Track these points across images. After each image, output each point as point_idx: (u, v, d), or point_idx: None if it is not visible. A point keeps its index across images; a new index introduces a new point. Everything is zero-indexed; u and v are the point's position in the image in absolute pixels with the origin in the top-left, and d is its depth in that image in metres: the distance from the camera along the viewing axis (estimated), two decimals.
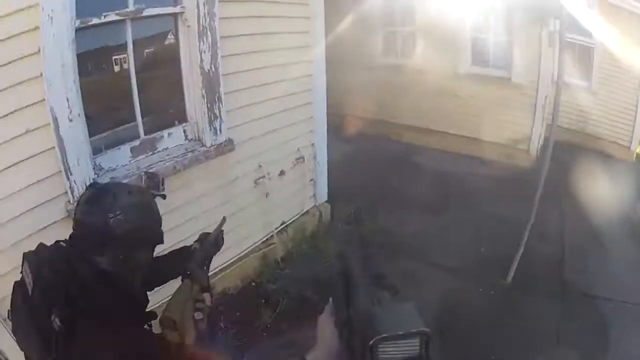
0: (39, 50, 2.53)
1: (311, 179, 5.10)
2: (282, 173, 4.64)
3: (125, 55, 3.13)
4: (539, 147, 8.38)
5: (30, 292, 1.62)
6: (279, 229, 4.84)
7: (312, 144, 4.95)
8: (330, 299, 1.72)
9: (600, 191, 7.33)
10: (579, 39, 9.28)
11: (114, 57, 3.16)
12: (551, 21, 7.30)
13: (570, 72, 9.51)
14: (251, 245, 4.58)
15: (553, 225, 6.58)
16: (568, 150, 9.51)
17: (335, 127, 7.78)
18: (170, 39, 3.44)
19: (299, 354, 2.25)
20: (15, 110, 2.54)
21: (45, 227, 2.82)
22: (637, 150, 9.93)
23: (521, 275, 5.15)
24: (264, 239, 4.71)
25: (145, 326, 1.90)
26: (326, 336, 1.56)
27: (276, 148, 4.51)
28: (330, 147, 5.38)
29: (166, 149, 3.56)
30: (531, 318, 4.63)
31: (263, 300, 4.40)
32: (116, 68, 3.16)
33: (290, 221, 5.01)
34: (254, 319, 4.21)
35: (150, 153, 3.45)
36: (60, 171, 2.82)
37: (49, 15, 2.50)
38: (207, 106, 3.59)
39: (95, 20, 2.79)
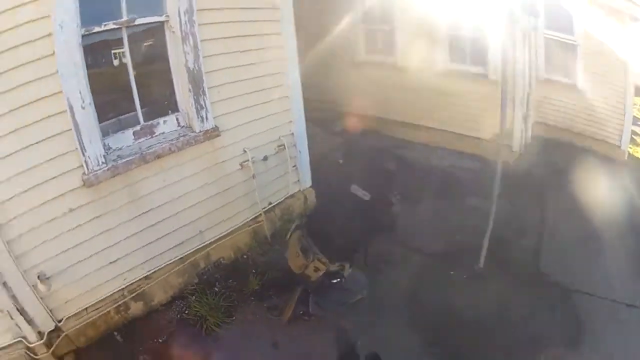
0: (53, 53, 3.37)
1: (294, 165, 5.81)
2: (265, 158, 5.36)
3: (124, 52, 3.94)
4: (522, 144, 8.80)
5: None
6: (267, 209, 5.57)
7: (292, 133, 5.66)
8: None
9: (586, 188, 7.74)
10: (560, 36, 9.47)
11: (114, 53, 3.98)
12: (525, 18, 7.70)
13: (554, 70, 9.94)
14: (241, 221, 5.33)
15: (534, 219, 6.88)
16: (558, 147, 9.85)
17: (324, 122, 8.41)
18: (160, 42, 4.24)
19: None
20: (37, 100, 3.39)
21: (66, 193, 3.69)
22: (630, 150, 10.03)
23: (496, 263, 5.51)
24: (254, 216, 5.45)
25: None
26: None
27: (258, 135, 5.24)
28: (321, 140, 5.91)
29: (163, 133, 4.39)
30: (500, 304, 5.00)
31: (253, 270, 5.13)
32: (118, 64, 3.98)
33: (277, 202, 5.75)
34: (244, 285, 4.93)
35: (150, 137, 4.28)
36: (77, 148, 3.65)
37: (59, 24, 3.34)
38: (194, 98, 4.39)
39: (97, 29, 3.64)
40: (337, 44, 8.73)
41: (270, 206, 5.66)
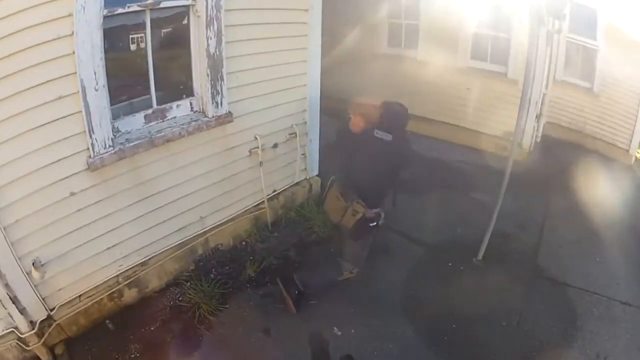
0: (72, 33, 3.19)
1: (303, 154, 5.72)
2: (275, 146, 5.26)
3: (143, 35, 3.77)
4: (533, 142, 8.85)
5: None
6: (270, 195, 5.52)
7: (305, 122, 5.54)
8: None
9: (589, 189, 7.78)
10: (583, 41, 9.48)
11: (131, 37, 3.81)
12: (550, 21, 7.56)
13: (572, 72, 9.94)
14: (244, 208, 5.26)
15: (536, 216, 6.93)
16: (566, 148, 9.95)
17: (338, 112, 8.36)
18: (182, 25, 4.07)
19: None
20: (50, 80, 3.23)
21: (68, 177, 3.56)
22: (637, 154, 10.24)
23: (494, 257, 5.58)
24: (256, 203, 5.39)
25: None
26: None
27: (271, 123, 5.14)
28: (332, 130, 5.91)
29: (174, 117, 4.25)
30: (497, 296, 5.06)
31: (250, 257, 5.12)
32: (135, 47, 3.79)
33: (282, 190, 5.68)
34: (241, 272, 4.93)
35: (161, 120, 4.14)
36: (84, 131, 3.50)
37: (82, 5, 3.14)
38: (211, 83, 4.24)
39: (120, 10, 3.43)
40: (362, 37, 8.78)
41: (274, 193, 5.61)
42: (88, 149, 3.59)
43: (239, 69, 4.51)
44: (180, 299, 4.55)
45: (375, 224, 4.43)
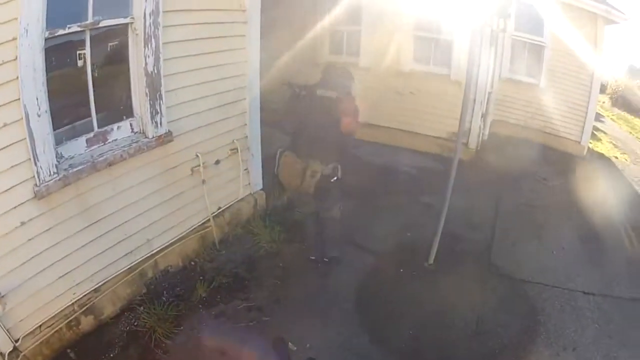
0: (16, 58, 3.52)
1: (245, 169, 6.19)
2: (217, 162, 5.70)
3: (83, 56, 4.12)
4: (479, 141, 9.62)
5: None
6: (215, 213, 5.94)
7: (246, 137, 6.03)
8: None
9: (539, 183, 8.47)
10: (529, 38, 10.49)
11: (71, 59, 4.13)
12: (496, 20, 8.38)
13: (518, 69, 10.80)
14: (190, 228, 5.67)
15: (487, 215, 7.51)
16: (516, 144, 10.74)
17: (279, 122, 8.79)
18: (122, 45, 4.44)
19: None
20: None
21: (17, 206, 3.85)
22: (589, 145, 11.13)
23: (446, 259, 6.00)
24: (202, 222, 5.80)
25: None
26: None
27: (213, 139, 5.57)
28: (275, 140, 6.31)
29: (115, 140, 4.60)
30: (452, 298, 5.38)
31: (200, 277, 5.51)
32: (75, 70, 4.15)
33: (226, 206, 6.11)
34: (192, 293, 5.30)
35: (102, 144, 4.49)
36: (29, 159, 3.82)
37: (25, 28, 3.48)
38: (150, 103, 4.64)
39: (61, 31, 3.79)
40: (303, 46, 9.09)
41: (219, 211, 6.02)
42: (34, 176, 3.88)
43: (178, 86, 4.93)
44: (135, 323, 4.85)
45: (335, 178, 5.14)
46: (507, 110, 11.40)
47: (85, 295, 4.63)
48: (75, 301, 4.55)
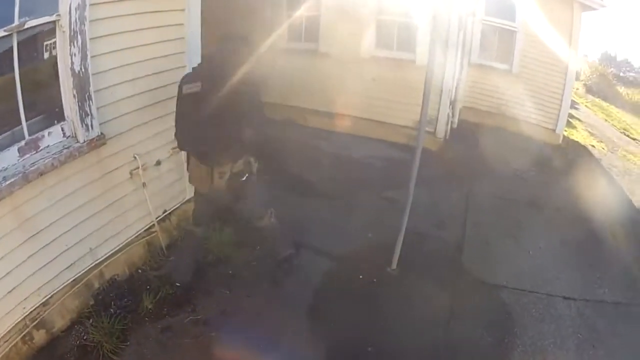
0: None
1: None
2: (158, 163, 5.91)
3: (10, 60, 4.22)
4: (448, 129, 9.93)
5: None
6: (161, 217, 6.16)
7: None
8: None
9: (513, 174, 8.61)
10: (500, 22, 10.92)
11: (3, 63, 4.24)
12: (464, 2, 8.63)
13: (488, 55, 11.11)
14: (134, 234, 5.88)
15: (457, 210, 7.56)
16: (487, 132, 11.01)
17: None
18: (51, 45, 4.57)
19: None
20: None
21: None
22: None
23: (411, 262, 5.97)
24: (147, 227, 6.01)
25: None
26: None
27: (151, 139, 5.75)
28: None
29: (47, 146, 4.74)
30: (417, 308, 5.40)
31: (147, 287, 5.72)
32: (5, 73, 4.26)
33: (173, 209, 6.34)
34: (139, 305, 5.49)
35: (34, 152, 4.63)
36: None
37: None
38: (79, 105, 4.78)
39: None
40: (258, 34, 9.21)
41: (165, 214, 6.24)
42: None
43: (109, 84, 5.07)
44: (85, 337, 5.04)
45: (246, 175, 5.14)
46: (478, 97, 11.76)
47: (34, 309, 4.84)
48: (26, 315, 4.77)
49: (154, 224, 6.05)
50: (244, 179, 5.13)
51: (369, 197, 7.72)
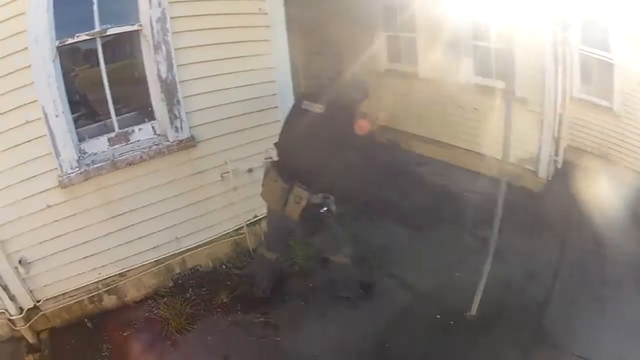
0: (30, 66, 4.65)
1: None
2: (250, 170, 6.37)
3: (98, 62, 5.11)
4: (551, 170, 9.03)
5: None
6: (251, 221, 6.64)
7: None
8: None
9: (616, 228, 7.76)
10: (595, 53, 9.52)
11: (91, 63, 5.26)
12: (558, 32, 8.05)
13: (585, 89, 9.94)
14: (222, 232, 6.45)
15: (550, 263, 6.63)
16: (596, 177, 9.66)
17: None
18: (137, 50, 5.38)
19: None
20: (19, 106, 4.72)
21: (44, 191, 5.06)
22: None
23: (491, 312, 5.46)
24: (235, 228, 6.55)
25: None
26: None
27: (243, 147, 6.24)
28: None
29: (138, 140, 5.59)
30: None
31: (227, 282, 6.23)
32: (93, 72, 5.20)
33: (264, 215, 6.54)
34: (215, 295, 6.01)
35: (124, 143, 5.52)
36: (52, 152, 4.97)
37: (34, 39, 4.58)
38: (167, 108, 5.50)
39: (70, 40, 4.87)
40: (354, 50, 9.47)
41: (255, 219, 6.69)
42: (57, 168, 5.04)
43: (198, 92, 5.68)
44: (155, 312, 5.74)
45: (326, 209, 4.68)
46: (580, 136, 10.64)
47: (110, 277, 5.73)
48: (100, 280, 5.68)
49: (242, 226, 6.55)
50: (323, 211, 4.71)
51: (460, 234, 7.21)
